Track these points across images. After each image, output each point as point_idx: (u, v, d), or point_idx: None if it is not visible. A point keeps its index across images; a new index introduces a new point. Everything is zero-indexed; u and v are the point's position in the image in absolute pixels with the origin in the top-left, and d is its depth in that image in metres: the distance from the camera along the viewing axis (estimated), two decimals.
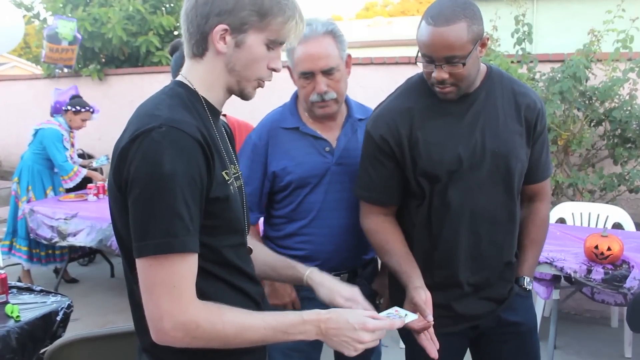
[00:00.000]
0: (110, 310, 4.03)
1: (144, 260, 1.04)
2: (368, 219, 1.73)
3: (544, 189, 1.77)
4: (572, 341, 3.52)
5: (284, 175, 1.83)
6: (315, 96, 1.77)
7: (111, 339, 1.81)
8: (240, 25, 1.12)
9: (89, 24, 6.58)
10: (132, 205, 1.04)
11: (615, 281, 2.57)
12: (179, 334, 1.03)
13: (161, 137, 1.03)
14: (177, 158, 1.03)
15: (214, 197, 1.10)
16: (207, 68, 1.17)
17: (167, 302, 1.03)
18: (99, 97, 6.88)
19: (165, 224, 1.02)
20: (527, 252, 1.75)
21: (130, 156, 1.04)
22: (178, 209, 1.02)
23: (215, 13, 1.11)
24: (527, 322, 1.75)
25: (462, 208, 1.61)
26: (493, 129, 1.60)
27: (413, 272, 1.59)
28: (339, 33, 1.78)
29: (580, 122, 3.85)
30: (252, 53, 1.15)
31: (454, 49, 1.46)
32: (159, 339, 1.05)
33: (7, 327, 2.12)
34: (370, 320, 1.16)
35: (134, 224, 1.05)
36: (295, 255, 1.86)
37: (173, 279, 1.03)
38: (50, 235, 4.05)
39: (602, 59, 3.85)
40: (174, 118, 1.06)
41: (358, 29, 18.29)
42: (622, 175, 3.76)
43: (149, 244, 1.02)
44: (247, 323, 1.09)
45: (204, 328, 1.04)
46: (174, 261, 1.03)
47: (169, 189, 1.02)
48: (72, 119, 4.52)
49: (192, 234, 1.05)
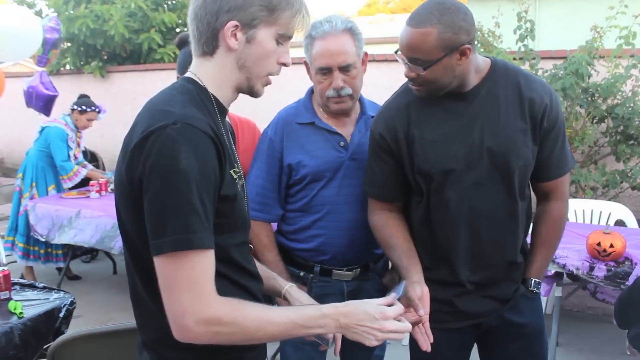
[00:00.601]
0: (112, 307, 4.04)
1: (163, 257, 1.03)
2: (374, 214, 1.74)
3: (558, 187, 1.69)
4: (575, 338, 3.52)
5: (299, 169, 1.85)
6: (332, 91, 1.80)
7: (114, 336, 1.82)
8: (250, 21, 1.13)
9: (91, 21, 6.58)
10: (148, 202, 1.04)
11: (617, 278, 2.56)
12: (202, 329, 1.03)
13: (176, 133, 1.03)
14: (193, 154, 1.03)
15: (224, 195, 1.11)
16: (217, 65, 1.17)
17: (189, 298, 1.02)
18: (101, 95, 6.89)
19: (184, 220, 1.02)
20: (537, 253, 1.72)
21: (145, 153, 1.04)
22: (195, 205, 1.02)
23: (225, 10, 1.12)
24: (533, 323, 1.72)
25: (460, 207, 1.60)
26: (492, 127, 1.57)
27: (412, 267, 1.60)
28: (357, 31, 1.82)
29: (583, 119, 3.84)
30: (262, 48, 1.16)
31: (416, 51, 1.47)
32: (182, 335, 1.05)
33: (10, 324, 2.13)
34: (387, 307, 1.18)
35: (151, 221, 1.04)
36: (306, 248, 1.88)
37: (194, 275, 1.03)
38: (47, 232, 4.05)
39: (605, 56, 3.83)
40: (187, 114, 1.07)
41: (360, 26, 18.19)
42: (624, 172, 3.75)
43: (168, 241, 1.02)
44: (268, 317, 1.10)
45: (226, 323, 1.05)
46: (193, 257, 1.03)
47: (186, 184, 1.02)
48: (78, 118, 4.52)
49: (208, 230, 1.05)
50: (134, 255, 1.16)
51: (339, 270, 1.90)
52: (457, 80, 1.54)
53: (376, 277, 1.99)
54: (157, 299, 1.12)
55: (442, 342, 1.63)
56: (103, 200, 4.26)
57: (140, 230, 1.09)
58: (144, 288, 1.16)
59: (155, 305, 1.14)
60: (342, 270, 1.90)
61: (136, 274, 1.17)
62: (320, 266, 1.89)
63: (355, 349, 1.97)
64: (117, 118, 6.72)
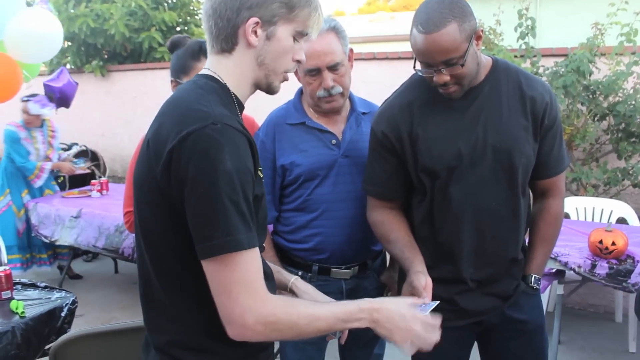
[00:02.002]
0: (114, 306, 4.05)
1: (215, 260, 1.03)
2: (374, 212, 1.74)
3: (556, 185, 1.72)
4: (576, 336, 3.52)
5: (293, 169, 1.85)
6: (322, 92, 1.80)
7: (116, 335, 1.81)
8: (270, 18, 1.13)
9: (91, 20, 6.57)
10: (194, 205, 1.03)
11: (619, 276, 2.56)
12: (260, 327, 1.05)
13: (218, 134, 1.02)
14: (236, 155, 1.03)
15: (255, 194, 1.10)
16: (236, 62, 1.16)
17: (247, 298, 1.03)
18: (101, 94, 6.89)
19: (233, 222, 1.02)
20: (537, 250, 1.73)
21: (186, 155, 1.02)
22: (241, 206, 1.03)
23: (247, 6, 1.12)
24: (534, 320, 1.73)
25: (464, 204, 1.60)
26: (495, 124, 1.58)
27: (415, 257, 1.61)
28: (341, 29, 1.81)
29: (584, 117, 3.83)
30: (281, 45, 1.16)
31: (449, 52, 1.45)
32: (240, 334, 1.06)
33: (12, 323, 2.13)
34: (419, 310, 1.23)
35: (199, 224, 1.03)
36: (304, 248, 1.88)
37: (249, 275, 1.04)
38: (51, 233, 4.04)
39: (606, 53, 3.82)
40: (224, 114, 1.06)
41: (360, 24, 18.25)
42: (626, 170, 3.74)
43: (219, 243, 1.02)
44: (317, 314, 1.12)
45: (282, 320, 1.06)
46: (246, 258, 1.04)
47: (232, 186, 1.02)
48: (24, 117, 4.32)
49: (253, 229, 1.06)
50: (154, 256, 1.14)
51: (337, 269, 1.90)
52: (478, 68, 1.55)
53: (374, 275, 2.00)
54: (176, 302, 1.13)
55: (443, 340, 1.63)
56: (104, 200, 4.27)
57: (168, 232, 1.08)
58: (164, 292, 1.14)
59: (173, 307, 1.14)
60: (340, 269, 1.90)
61: (155, 275, 1.15)
62: (318, 265, 1.90)
63: (354, 348, 1.99)
64: (118, 117, 6.73)
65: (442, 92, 1.56)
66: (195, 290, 1.10)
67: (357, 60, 2.24)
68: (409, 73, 1.74)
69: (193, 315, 1.13)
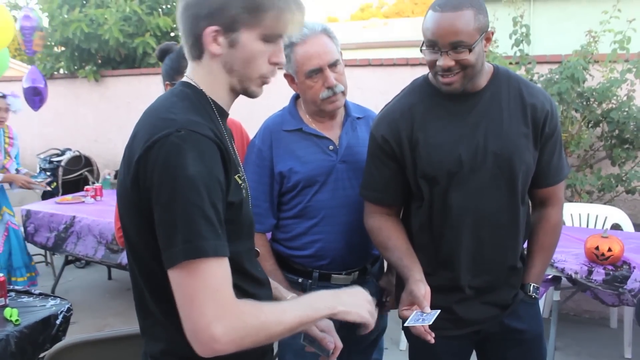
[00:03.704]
0: (108, 313, 4.01)
1: (178, 269, 0.99)
2: (371, 218, 1.73)
3: (555, 194, 1.72)
4: (572, 342, 3.52)
5: (291, 175, 1.84)
6: (326, 91, 1.79)
7: (111, 343, 1.80)
8: (231, 25, 1.09)
9: (85, 25, 6.55)
10: (159, 213, 1.01)
11: (616, 282, 2.57)
12: (231, 336, 0.99)
13: (181, 140, 1.01)
14: (200, 161, 1.01)
15: (230, 201, 1.08)
16: (206, 70, 1.15)
17: (213, 307, 0.98)
18: (95, 99, 6.86)
19: (195, 228, 0.98)
20: (535, 259, 1.72)
21: (151, 163, 1.01)
22: (207, 212, 1.00)
23: (204, 15, 1.09)
24: (533, 329, 1.72)
25: (463, 210, 1.60)
26: (496, 130, 1.58)
27: (414, 266, 1.60)
28: (331, 30, 1.84)
29: (578, 123, 3.85)
30: (248, 51, 1.12)
31: (460, 34, 1.45)
32: (208, 349, 0.99)
33: (6, 331, 2.11)
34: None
35: (163, 232, 1.01)
36: (305, 255, 1.87)
37: (214, 283, 0.99)
38: (45, 240, 4.00)
39: (600, 60, 3.85)
40: (190, 121, 1.05)
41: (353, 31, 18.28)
42: (619, 176, 3.76)
43: (180, 250, 0.98)
44: (282, 307, 1.11)
45: (250, 323, 1.02)
46: (211, 265, 0.99)
47: (196, 192, 0.99)
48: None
49: (222, 237, 1.02)
50: (141, 268, 1.14)
51: (337, 275, 1.89)
52: (481, 68, 1.55)
53: (373, 280, 1.99)
54: (167, 311, 1.10)
55: (441, 349, 1.63)
56: (98, 206, 4.24)
57: (149, 242, 1.06)
58: (153, 301, 1.13)
59: (164, 317, 1.12)
60: (340, 275, 1.90)
61: (144, 286, 1.14)
62: (318, 272, 1.89)
63: (353, 354, 1.98)
64: (112, 122, 6.70)
65: (442, 82, 1.53)
66: None
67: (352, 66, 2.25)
68: (404, 79, 1.74)
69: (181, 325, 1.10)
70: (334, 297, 1.18)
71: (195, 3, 1.10)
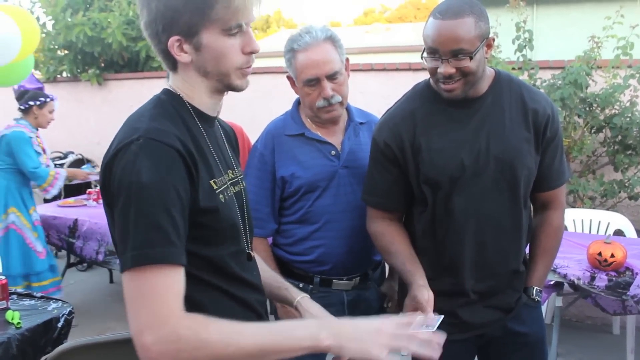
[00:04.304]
0: (109, 316, 4.01)
1: (127, 274, 0.99)
2: (374, 223, 1.73)
3: (557, 197, 1.73)
4: (574, 348, 3.51)
5: (293, 181, 1.83)
6: (322, 101, 1.79)
7: (113, 346, 1.79)
8: (188, 30, 1.09)
9: (88, 29, 6.57)
10: (116, 219, 1.03)
11: (619, 288, 2.56)
12: (162, 347, 0.94)
13: (138, 148, 1.02)
14: (155, 168, 1.01)
15: (204, 207, 1.08)
16: (183, 78, 1.16)
17: (146, 315, 0.96)
18: (98, 102, 6.88)
19: (144, 235, 0.98)
20: (538, 262, 1.73)
21: (114, 170, 1.04)
22: (159, 220, 0.99)
23: (161, 30, 1.10)
24: (535, 333, 1.73)
25: (466, 215, 1.60)
26: (498, 135, 1.58)
27: (417, 271, 1.60)
28: (337, 38, 1.82)
29: (581, 129, 3.85)
30: (214, 49, 1.11)
31: (461, 42, 1.46)
32: (143, 355, 0.97)
33: (8, 334, 2.10)
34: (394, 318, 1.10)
35: (118, 238, 1.03)
36: (306, 260, 1.87)
37: (154, 291, 0.97)
38: (61, 243, 3.98)
39: (602, 66, 3.85)
40: (152, 128, 1.05)
41: (356, 35, 18.33)
42: (622, 182, 3.76)
43: (128, 256, 0.98)
44: (238, 329, 0.99)
45: (186, 339, 0.95)
46: (153, 273, 0.98)
47: (147, 200, 1.00)
48: (38, 115, 3.79)
49: (174, 244, 1.00)
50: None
51: (339, 280, 1.89)
52: (482, 75, 1.56)
53: (375, 286, 1.99)
54: None
55: (444, 354, 1.61)
56: (99, 209, 4.24)
57: None
58: None
59: None
60: (342, 280, 1.89)
61: None
62: (320, 277, 1.88)
63: None
64: (114, 126, 6.59)
65: (443, 88, 1.54)
66: None
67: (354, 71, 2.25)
68: (406, 84, 1.74)
69: None
70: (323, 326, 1.04)
71: (149, 22, 1.11)
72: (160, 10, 1.09)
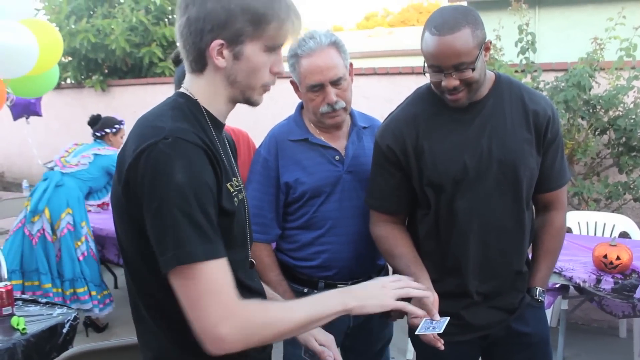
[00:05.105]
0: (114, 322, 4.01)
1: (175, 274, 1.02)
2: (377, 226, 1.73)
3: (558, 198, 1.74)
4: (580, 352, 3.49)
5: (297, 186, 1.83)
6: (326, 107, 1.79)
7: (117, 352, 1.80)
8: (235, 38, 1.10)
9: (92, 35, 6.61)
10: (150, 220, 1.03)
11: (625, 291, 2.54)
12: (237, 336, 1.02)
13: (169, 148, 1.02)
14: (188, 167, 1.02)
15: (224, 208, 1.10)
16: (208, 82, 1.16)
17: (217, 309, 1.01)
18: (101, 108, 6.89)
19: (186, 234, 1.01)
20: (541, 263, 1.74)
21: (140, 170, 1.03)
22: (196, 217, 1.01)
23: (209, 29, 1.10)
24: (539, 333, 1.74)
25: (469, 217, 1.61)
26: (500, 137, 1.59)
27: (422, 274, 1.60)
28: (341, 43, 1.82)
29: (585, 131, 3.84)
30: (252, 62, 1.13)
31: (461, 56, 1.46)
32: (217, 347, 1.03)
33: (13, 340, 2.10)
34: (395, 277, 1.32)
35: (156, 239, 1.03)
36: (311, 265, 1.87)
37: (214, 285, 1.02)
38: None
39: (606, 68, 3.85)
40: (178, 128, 1.06)
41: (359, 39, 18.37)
42: (627, 184, 3.74)
43: (173, 256, 1.01)
44: (288, 305, 1.14)
45: (255, 321, 1.05)
46: (207, 268, 1.02)
47: (184, 198, 1.01)
48: (113, 141, 4.10)
49: (213, 241, 1.04)
50: (134, 274, 1.15)
51: (343, 285, 1.88)
52: (484, 79, 1.56)
53: None
54: (157, 318, 1.13)
55: (448, 355, 1.62)
56: (103, 215, 4.24)
57: (140, 249, 1.08)
58: (144, 307, 1.15)
59: (155, 324, 1.14)
60: (346, 284, 1.89)
61: (136, 292, 1.16)
62: (324, 282, 1.88)
63: None
64: None
65: (448, 99, 1.55)
66: (171, 308, 1.09)
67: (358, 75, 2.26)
68: (409, 88, 1.74)
69: (172, 332, 1.13)
70: (345, 293, 1.19)
71: (198, 18, 1.10)
72: (215, 10, 1.08)
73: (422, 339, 1.53)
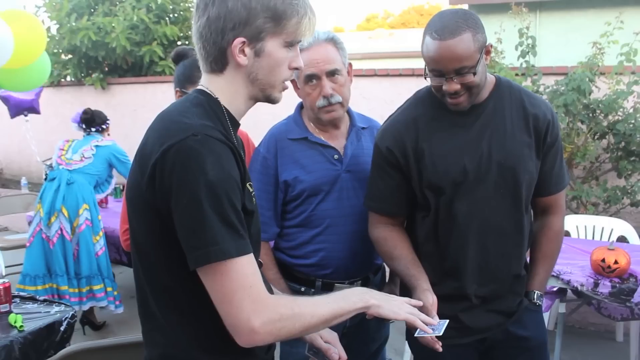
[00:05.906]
0: (111, 320, 4.00)
1: (208, 270, 1.03)
2: (376, 228, 1.74)
3: (557, 202, 1.75)
4: (577, 355, 3.49)
5: (296, 184, 1.84)
6: (322, 100, 1.79)
7: (115, 350, 1.80)
8: (257, 35, 1.11)
9: (93, 33, 6.61)
10: (180, 216, 1.03)
11: (622, 295, 2.55)
12: (268, 329, 1.05)
13: (199, 145, 1.03)
14: (218, 164, 1.03)
15: (246, 206, 1.10)
16: (228, 81, 1.16)
17: (250, 303, 1.04)
18: (101, 106, 6.87)
19: (218, 231, 1.02)
20: (539, 266, 1.74)
21: (169, 166, 1.03)
22: (227, 214, 1.03)
23: (230, 27, 1.10)
24: (537, 337, 1.74)
25: (468, 220, 1.61)
26: (500, 140, 1.59)
27: (420, 275, 1.60)
28: (339, 40, 1.83)
29: (584, 135, 3.85)
30: (273, 59, 1.14)
31: (462, 60, 1.46)
32: (249, 340, 1.05)
33: (11, 337, 2.10)
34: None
35: (186, 235, 1.04)
36: (308, 263, 1.87)
37: (246, 280, 1.04)
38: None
39: (605, 72, 3.86)
40: (205, 125, 1.07)
41: (359, 41, 18.38)
42: (625, 189, 3.76)
43: (204, 253, 1.02)
44: (314, 300, 1.16)
45: (285, 315, 1.07)
46: (238, 264, 1.03)
47: (215, 196, 1.02)
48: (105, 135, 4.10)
49: (243, 237, 1.06)
50: (146, 269, 1.15)
51: (340, 284, 1.89)
52: (485, 82, 1.57)
53: (376, 290, 1.98)
54: (168, 314, 1.12)
55: (446, 358, 1.62)
56: (103, 213, 4.24)
57: (159, 245, 1.08)
58: (155, 303, 1.15)
59: (165, 320, 1.14)
60: (343, 284, 1.89)
61: (148, 288, 1.15)
62: (321, 281, 1.88)
63: None
64: (117, 130, 6.71)
65: (450, 102, 1.55)
66: (185, 303, 1.11)
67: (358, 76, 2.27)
68: (410, 90, 1.75)
69: (184, 328, 1.14)
70: (365, 291, 1.25)
71: (219, 17, 1.10)
72: (236, 8, 1.09)
73: (420, 341, 1.53)
